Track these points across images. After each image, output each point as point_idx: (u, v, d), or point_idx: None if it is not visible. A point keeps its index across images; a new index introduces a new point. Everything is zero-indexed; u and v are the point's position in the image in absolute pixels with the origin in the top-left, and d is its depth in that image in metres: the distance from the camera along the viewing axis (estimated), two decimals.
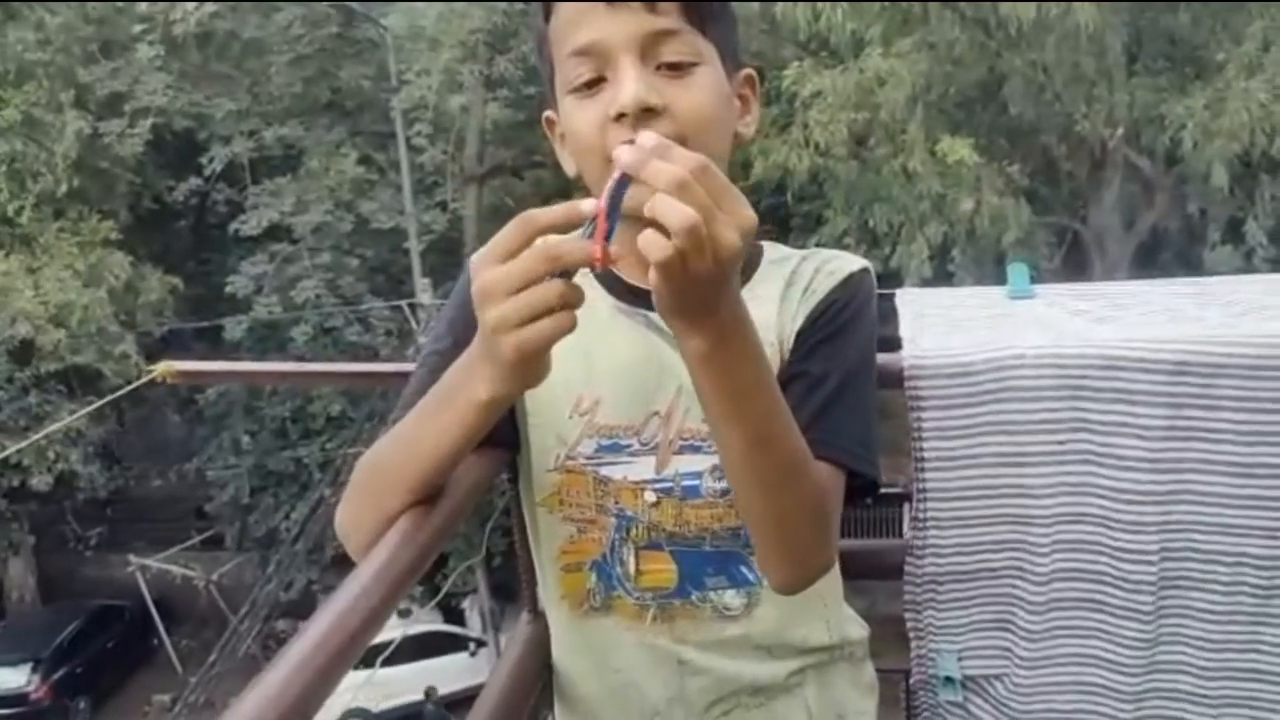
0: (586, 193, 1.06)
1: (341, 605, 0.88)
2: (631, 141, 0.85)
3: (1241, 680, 1.41)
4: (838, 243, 11.07)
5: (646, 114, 0.98)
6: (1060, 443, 1.37)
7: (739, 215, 0.83)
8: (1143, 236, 11.36)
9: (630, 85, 0.98)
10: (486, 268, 0.87)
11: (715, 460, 1.08)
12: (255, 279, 14.93)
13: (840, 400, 1.05)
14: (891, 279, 10.99)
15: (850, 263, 1.14)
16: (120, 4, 14.46)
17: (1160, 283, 1.74)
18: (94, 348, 14.36)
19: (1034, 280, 1.70)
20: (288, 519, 14.25)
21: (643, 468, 1.10)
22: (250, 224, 14.85)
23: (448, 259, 14.76)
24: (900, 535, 1.59)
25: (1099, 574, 1.40)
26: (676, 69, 1.00)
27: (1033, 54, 9.82)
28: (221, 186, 15.78)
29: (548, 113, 1.10)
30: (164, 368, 1.42)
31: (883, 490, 1.10)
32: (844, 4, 9.38)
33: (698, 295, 0.85)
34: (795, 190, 11.04)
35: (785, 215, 13.41)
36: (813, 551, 1.02)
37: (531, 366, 0.90)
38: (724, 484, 1.08)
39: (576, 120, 1.03)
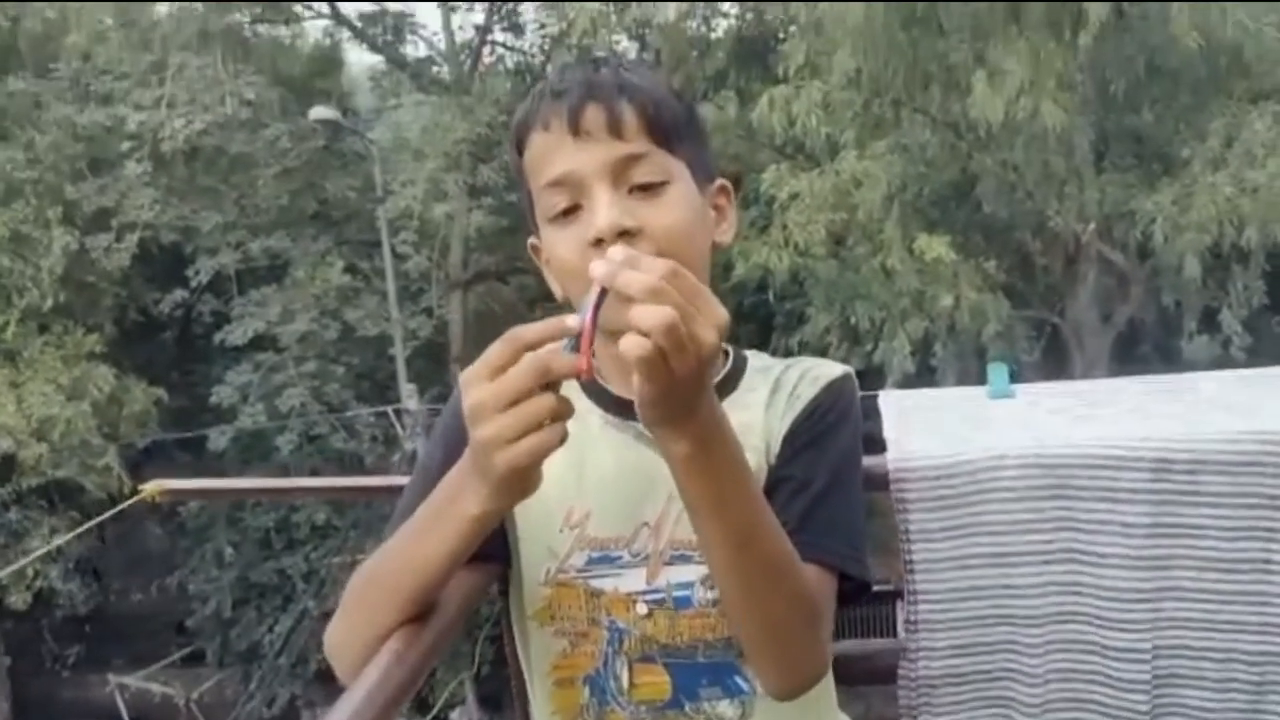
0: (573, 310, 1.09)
1: None
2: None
3: None
4: (820, 340, 11.21)
5: (623, 236, 1.01)
6: (1046, 542, 1.38)
7: (713, 314, 0.86)
8: (1120, 328, 11.51)
9: (604, 212, 1.02)
10: (476, 385, 0.89)
11: (706, 570, 1.07)
12: (240, 388, 14.90)
13: (827, 503, 1.06)
14: (875, 375, 11.08)
15: (833, 369, 1.16)
16: (110, 123, 14.72)
17: (1134, 380, 1.77)
18: (76, 461, 14.22)
19: (1014, 379, 1.73)
20: (271, 632, 13.94)
21: (634, 579, 1.10)
22: (236, 334, 14.88)
23: (433, 365, 14.79)
24: (894, 634, 1.57)
25: (1093, 674, 1.39)
26: (648, 190, 1.04)
27: (1003, 154, 10.10)
28: (207, 298, 15.86)
29: (532, 240, 1.13)
30: (153, 487, 1.42)
31: (875, 588, 1.11)
32: (819, 109, 9.64)
33: (679, 396, 0.88)
34: (777, 290, 11.19)
35: (768, 314, 13.55)
36: (804, 656, 1.02)
37: (523, 481, 0.92)
38: (716, 593, 1.07)
39: (558, 247, 1.07)
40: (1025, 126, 9.32)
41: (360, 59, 18.52)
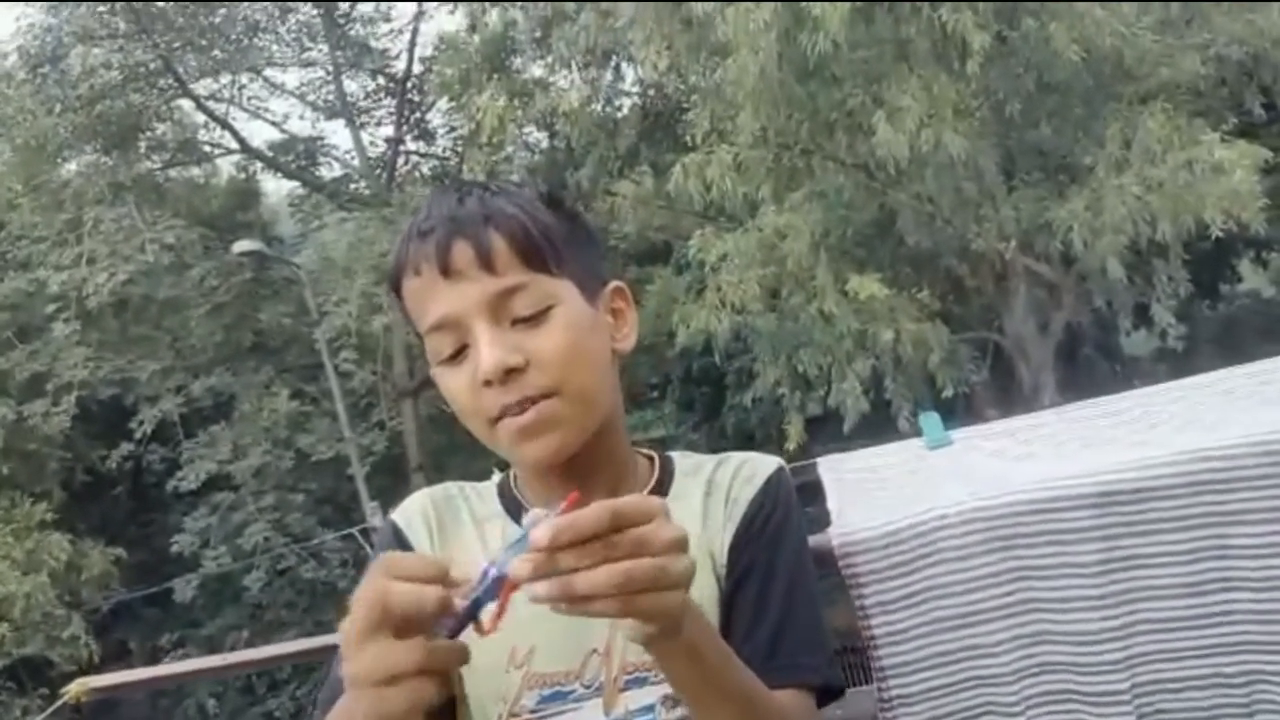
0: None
1: None
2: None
3: None
4: (772, 392, 11.24)
5: (512, 373, 0.98)
6: (1005, 595, 1.36)
7: (674, 545, 0.80)
8: (1059, 336, 11.69)
9: (487, 353, 0.98)
10: (354, 612, 0.81)
11: (665, 689, 1.03)
12: (200, 534, 14.59)
13: (791, 616, 1.03)
14: (833, 418, 11.11)
15: (765, 464, 1.13)
16: (31, 288, 14.54)
17: (1068, 409, 1.77)
18: (41, 636, 13.76)
19: (965, 402, 1.73)
20: None
21: (591, 712, 1.04)
22: (189, 479, 14.62)
23: (394, 478, 14.60)
24: (868, 681, 1.53)
25: None
26: (531, 320, 1.00)
27: (915, 187, 10.30)
28: (154, 446, 15.58)
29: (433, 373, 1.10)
30: (77, 686, 1.35)
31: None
32: (732, 171, 9.79)
33: (671, 627, 0.85)
34: (722, 350, 11.24)
35: (718, 375, 13.59)
36: None
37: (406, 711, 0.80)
38: (678, 712, 1.03)
39: (451, 389, 1.03)
40: (931, 157, 9.52)
41: (277, 187, 18.61)
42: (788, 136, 10.18)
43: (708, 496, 1.09)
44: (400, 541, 1.10)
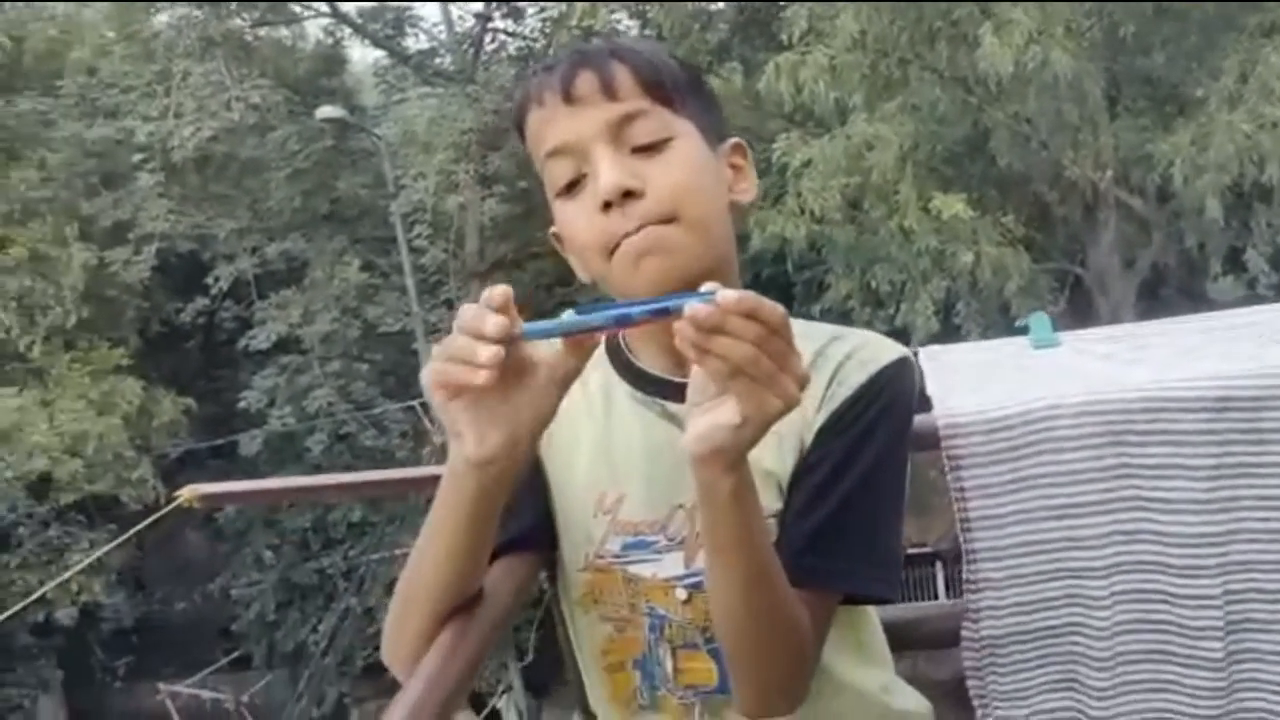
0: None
1: None
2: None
3: None
4: (842, 306, 11.12)
5: (629, 197, 0.98)
6: (1107, 491, 1.34)
7: (805, 378, 0.85)
8: (1144, 274, 11.37)
9: (606, 173, 0.98)
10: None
11: None
12: (267, 392, 15.01)
13: (844, 518, 1.01)
14: (899, 337, 10.89)
15: (885, 352, 1.08)
16: (119, 136, 14.78)
17: (1181, 320, 1.72)
18: (111, 475, 14.38)
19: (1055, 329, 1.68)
20: (315, 632, 14.08)
21: (671, 564, 1.07)
22: (259, 338, 14.98)
23: None
24: (935, 596, 1.53)
25: (1163, 623, 1.35)
26: (650, 148, 1.00)
27: (1015, 106, 9.94)
28: (228, 304, 15.96)
29: (553, 229, 1.09)
30: (189, 493, 1.40)
31: (912, 552, 1.08)
32: (825, 74, 9.52)
33: (738, 451, 0.87)
34: (795, 259, 11.10)
35: (787, 284, 13.47)
36: (785, 687, 1.00)
37: (456, 419, 0.88)
38: None
39: (568, 221, 1.04)
40: (1035, 76, 9.15)
41: (363, 56, 18.55)
42: (887, 43, 9.84)
43: (813, 369, 1.06)
44: None
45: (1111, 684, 1.38)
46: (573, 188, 1.02)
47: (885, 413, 1.04)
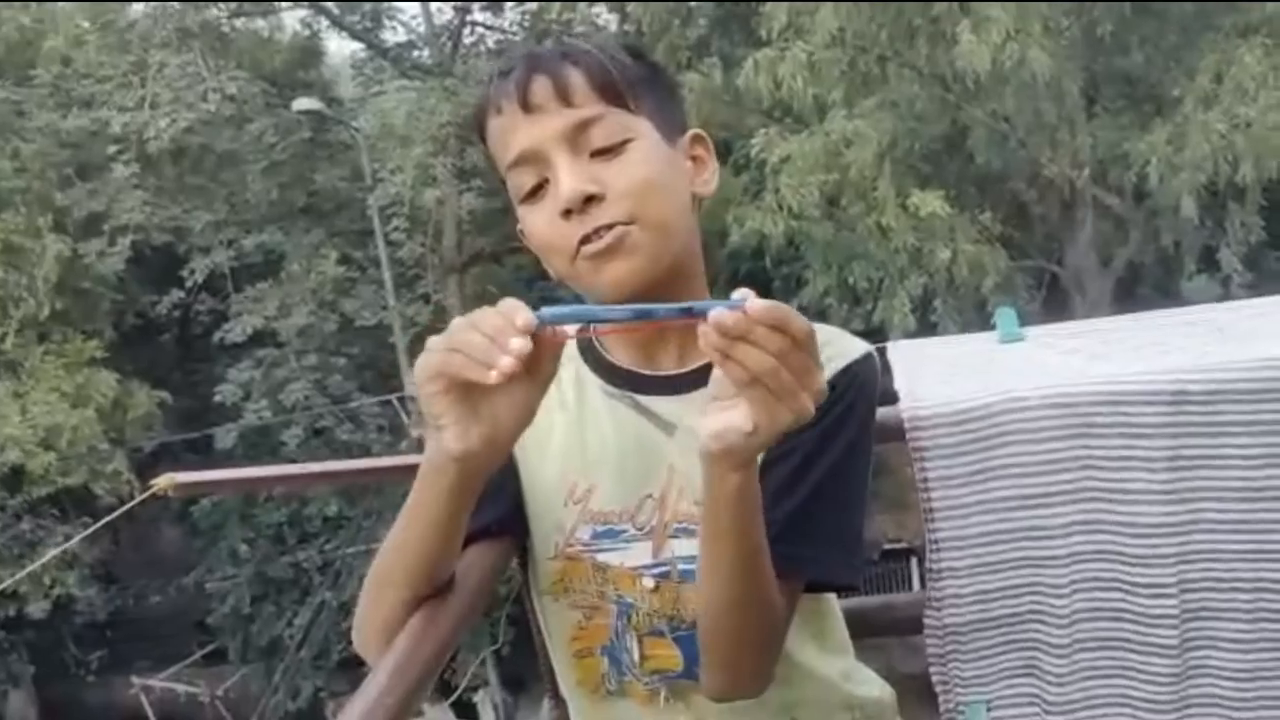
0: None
1: (362, 707, 0.87)
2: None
3: (1272, 709, 1.39)
4: (820, 302, 11.17)
5: (589, 202, 1.01)
6: (1068, 482, 1.37)
7: (822, 393, 0.86)
8: (1120, 273, 11.47)
9: (565, 181, 1.01)
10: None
11: None
12: (243, 385, 14.91)
13: (813, 507, 1.03)
14: (876, 335, 11.03)
15: (852, 348, 1.10)
16: (94, 127, 14.64)
17: (1146, 315, 1.75)
18: (85, 468, 14.25)
19: (1022, 323, 1.71)
20: (290, 626, 14.01)
21: (639, 553, 1.09)
22: (235, 331, 14.88)
23: None
24: (910, 589, 1.57)
25: (1120, 611, 1.38)
26: (608, 151, 1.02)
27: (993, 104, 10.01)
28: (204, 297, 15.86)
29: (520, 226, 1.11)
30: (165, 480, 1.41)
31: (888, 547, 1.11)
32: (804, 70, 9.55)
33: (751, 454, 0.89)
34: (773, 255, 11.14)
35: (765, 280, 13.49)
36: (757, 671, 1.04)
37: (441, 412, 0.89)
38: None
39: (532, 226, 1.06)
40: (1013, 75, 9.22)
41: (340, 48, 18.43)
42: (866, 39, 9.89)
43: None
44: None
45: (1070, 670, 1.41)
46: (535, 193, 1.04)
47: (853, 406, 1.07)
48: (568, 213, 1.01)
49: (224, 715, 14.50)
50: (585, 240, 1.01)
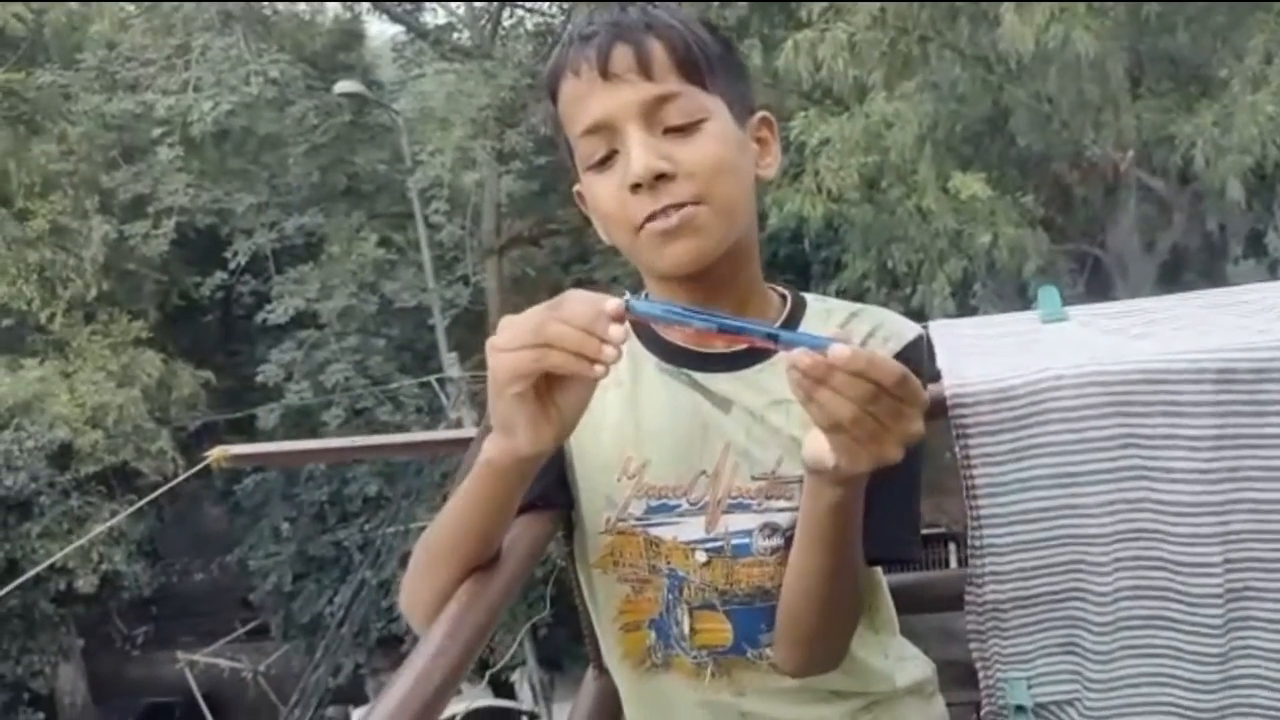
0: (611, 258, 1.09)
1: (419, 666, 0.89)
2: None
3: None
4: (858, 285, 11.09)
5: (661, 180, 1.01)
6: (1111, 460, 1.36)
7: (909, 430, 0.85)
8: (1164, 256, 11.29)
9: (639, 156, 1.00)
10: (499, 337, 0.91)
11: (765, 518, 1.08)
12: (285, 366, 15.09)
13: (891, 490, 1.05)
14: (915, 318, 10.82)
15: (907, 329, 1.14)
16: (139, 110, 14.83)
17: (1191, 295, 1.73)
18: (131, 446, 14.51)
19: (1064, 303, 1.70)
20: (331, 604, 14.20)
21: (693, 528, 1.10)
22: (277, 313, 15.05)
23: (473, 332, 14.87)
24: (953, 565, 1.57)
25: (1163, 590, 1.38)
26: (682, 130, 1.02)
27: (1035, 85, 9.86)
28: (246, 278, 16.05)
29: (577, 187, 1.12)
30: (219, 452, 1.45)
31: (926, 532, 1.12)
32: (845, 52, 9.46)
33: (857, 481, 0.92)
34: (812, 237, 11.09)
35: (804, 263, 13.45)
36: (836, 651, 1.09)
37: (517, 414, 0.90)
38: (774, 541, 1.08)
39: (598, 195, 1.06)
40: (1057, 55, 9.07)
41: (381, 30, 18.53)
42: (907, 20, 9.75)
43: None
44: None
45: (1111, 648, 1.41)
46: (604, 163, 1.04)
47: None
48: (637, 187, 1.01)
49: (266, 690, 14.76)
50: (651, 217, 1.02)
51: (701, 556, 1.10)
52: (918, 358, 1.11)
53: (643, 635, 1.15)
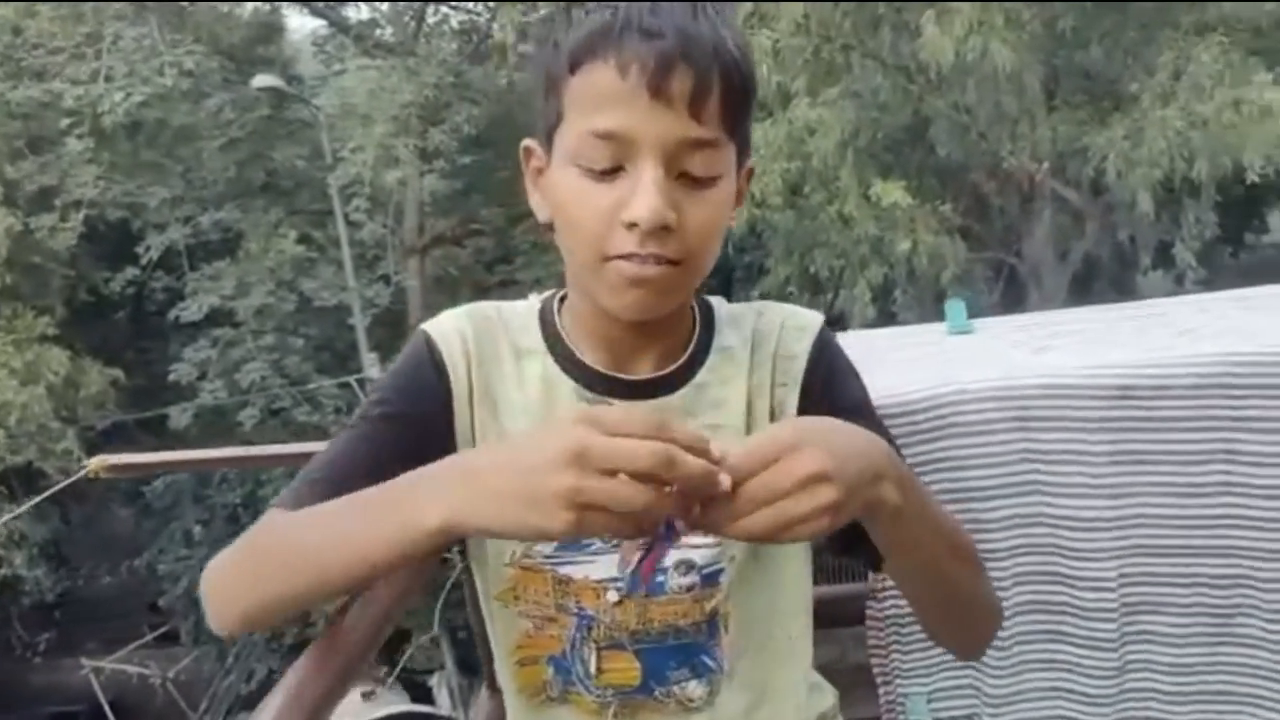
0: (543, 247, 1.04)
1: (292, 683, 0.85)
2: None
3: (1208, 703, 1.41)
4: (781, 291, 11.20)
5: (659, 230, 0.93)
6: (1010, 475, 1.37)
7: (809, 479, 0.79)
8: (1076, 266, 11.60)
9: (651, 200, 0.91)
10: (596, 429, 0.78)
11: (681, 555, 1.03)
12: (198, 365, 14.70)
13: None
14: (836, 323, 11.05)
15: (810, 317, 1.11)
16: (46, 99, 14.33)
17: (1095, 309, 1.76)
18: (34, 446, 13.99)
19: (972, 315, 1.71)
20: None
21: (605, 566, 1.04)
22: (191, 310, 14.66)
23: (393, 332, 14.65)
24: (866, 579, 1.58)
25: (1060, 605, 1.39)
26: (697, 183, 0.94)
27: (955, 96, 10.07)
28: (159, 274, 15.59)
29: (528, 142, 1.02)
30: (97, 462, 1.37)
31: None
32: (769, 58, 9.54)
33: (856, 509, 0.84)
34: (735, 243, 11.16)
35: (727, 268, 13.52)
36: (992, 615, 1.06)
37: (570, 521, 0.78)
38: (690, 579, 1.04)
39: (579, 201, 0.96)
40: (976, 67, 9.27)
41: (301, 24, 18.21)
42: (830, 28, 9.89)
43: (754, 348, 1.07)
44: (435, 361, 1.05)
45: (1010, 663, 1.41)
46: (604, 173, 0.94)
47: (846, 362, 1.10)
48: (633, 225, 0.93)
49: (176, 697, 14.35)
50: (628, 256, 0.94)
51: (613, 596, 1.04)
52: (831, 343, 1.10)
53: (540, 670, 1.09)
